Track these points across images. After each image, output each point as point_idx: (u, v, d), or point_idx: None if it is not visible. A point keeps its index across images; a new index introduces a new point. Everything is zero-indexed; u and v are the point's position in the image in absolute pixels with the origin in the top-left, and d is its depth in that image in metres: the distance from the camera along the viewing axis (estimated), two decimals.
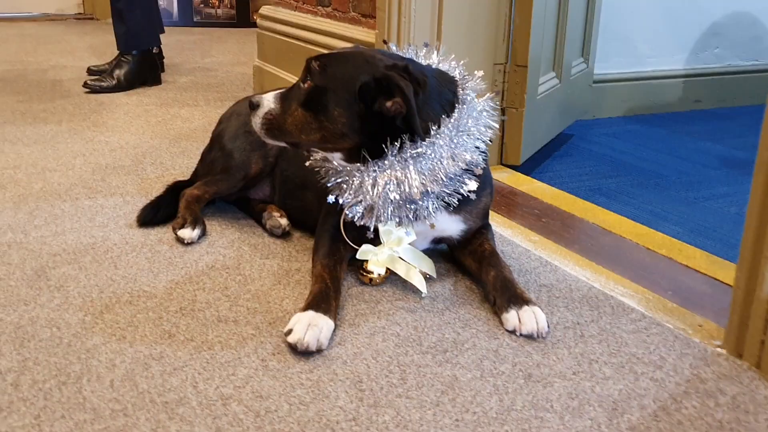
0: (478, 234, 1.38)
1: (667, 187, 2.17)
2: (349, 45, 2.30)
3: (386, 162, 1.19)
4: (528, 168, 2.19)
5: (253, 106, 1.29)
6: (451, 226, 1.33)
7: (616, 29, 2.96)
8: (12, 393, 1.01)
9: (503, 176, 2.07)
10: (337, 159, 1.26)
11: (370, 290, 1.33)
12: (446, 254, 1.47)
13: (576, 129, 2.73)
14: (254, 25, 5.41)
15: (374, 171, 1.20)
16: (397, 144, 1.19)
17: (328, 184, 1.26)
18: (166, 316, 1.24)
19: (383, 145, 1.20)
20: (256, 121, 1.28)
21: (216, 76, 3.61)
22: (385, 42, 1.43)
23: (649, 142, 2.72)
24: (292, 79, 2.71)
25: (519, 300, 1.21)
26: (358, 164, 1.22)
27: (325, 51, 2.43)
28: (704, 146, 2.69)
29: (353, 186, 1.22)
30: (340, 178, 1.25)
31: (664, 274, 1.46)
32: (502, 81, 2.10)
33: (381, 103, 1.17)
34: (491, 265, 1.30)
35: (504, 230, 1.65)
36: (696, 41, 3.23)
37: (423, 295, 1.30)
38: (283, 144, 1.30)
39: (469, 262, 1.37)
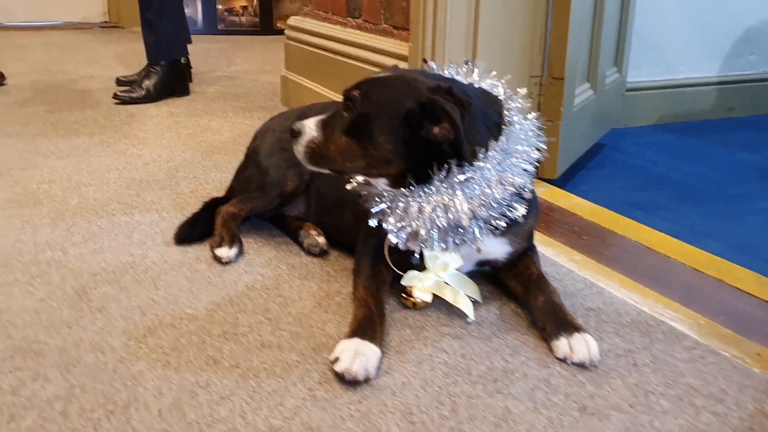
0: (524, 256, 1.35)
1: (705, 201, 2.13)
2: (380, 57, 2.28)
3: (433, 187, 1.17)
4: (562, 181, 2.16)
5: (295, 134, 1.26)
6: (497, 248, 1.30)
7: (648, 36, 2.91)
8: (61, 422, 1.00)
9: (540, 191, 2.03)
10: (381, 184, 1.24)
11: (414, 314, 1.31)
12: (489, 275, 1.44)
13: (608, 138, 2.69)
14: (277, 32, 5.47)
15: (420, 196, 1.18)
16: (444, 169, 1.16)
17: (372, 210, 1.24)
18: (209, 340, 1.22)
19: (429, 170, 1.17)
20: (299, 149, 1.26)
21: (243, 86, 3.61)
22: (425, 61, 1.41)
23: (682, 152, 2.67)
24: (320, 89, 2.71)
25: (569, 327, 1.18)
26: (403, 189, 1.20)
27: (355, 63, 2.43)
28: (740, 157, 2.64)
29: (398, 211, 1.20)
30: (383, 203, 1.23)
31: (713, 297, 1.42)
32: (537, 94, 2.07)
33: (428, 129, 1.15)
34: (539, 289, 1.27)
35: (545, 249, 1.61)
36: (730, 48, 3.17)
37: (469, 321, 1.28)
38: (326, 171, 1.28)
39: (514, 284, 1.34)
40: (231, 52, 4.86)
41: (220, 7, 5.64)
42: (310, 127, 1.25)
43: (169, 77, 3.20)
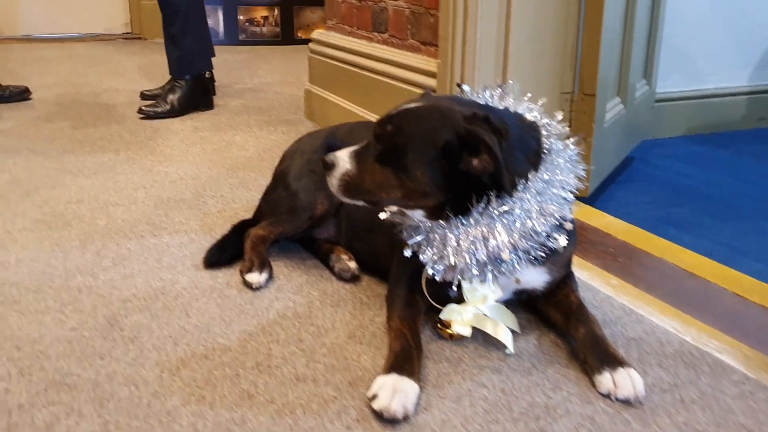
0: (563, 284, 1.31)
1: (741, 217, 2.07)
2: (407, 73, 2.26)
3: (471, 219, 1.14)
4: (592, 196, 2.12)
5: (328, 166, 1.24)
6: (536, 278, 1.27)
7: (676, 46, 2.86)
8: None
9: None
10: (418, 216, 1.21)
11: (450, 346, 1.28)
12: (525, 303, 1.41)
13: (636, 150, 2.64)
14: (298, 42, 5.48)
15: (458, 228, 1.15)
16: (483, 200, 1.14)
17: (409, 242, 1.21)
18: (243, 372, 1.21)
19: (468, 202, 1.14)
20: (333, 182, 1.23)
21: (266, 99, 3.61)
22: (458, 85, 1.38)
23: (713, 164, 2.61)
24: (345, 104, 2.69)
25: (612, 360, 1.15)
26: (441, 221, 1.17)
27: (381, 78, 2.41)
28: None
29: (436, 243, 1.17)
30: (420, 234, 1.20)
31: (760, 326, 1.38)
32: (569, 110, 2.03)
33: (467, 162, 1.12)
34: (580, 320, 1.23)
35: (581, 272, 1.57)
36: (760, 57, 3.11)
37: (508, 353, 1.24)
38: (361, 203, 1.26)
39: (553, 313, 1.31)
40: (253, 63, 4.87)
41: (241, 17, 5.66)
42: (344, 159, 1.22)
43: (193, 91, 3.20)
